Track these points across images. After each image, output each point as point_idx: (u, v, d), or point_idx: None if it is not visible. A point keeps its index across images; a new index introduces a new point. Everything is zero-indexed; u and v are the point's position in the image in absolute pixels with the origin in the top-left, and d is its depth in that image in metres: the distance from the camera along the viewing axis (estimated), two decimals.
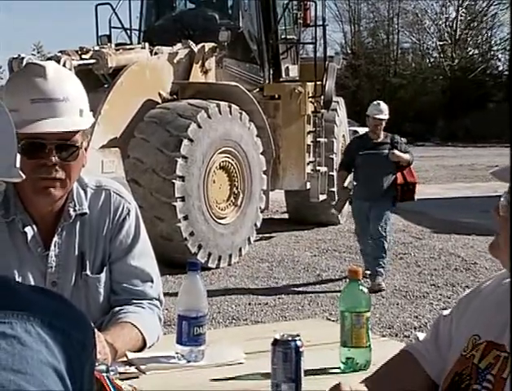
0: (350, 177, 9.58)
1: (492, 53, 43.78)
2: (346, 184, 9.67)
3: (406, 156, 8.94)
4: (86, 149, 2.48)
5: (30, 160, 2.32)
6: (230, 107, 10.17)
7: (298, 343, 2.11)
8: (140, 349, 2.48)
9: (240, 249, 10.40)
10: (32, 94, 2.34)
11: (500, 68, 43.47)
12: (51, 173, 2.37)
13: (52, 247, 2.51)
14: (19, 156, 1.60)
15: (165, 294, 2.90)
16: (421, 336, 2.19)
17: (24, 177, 1.59)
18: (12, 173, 1.56)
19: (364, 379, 2.08)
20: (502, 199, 1.84)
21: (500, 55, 43.91)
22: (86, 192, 2.55)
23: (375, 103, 9.34)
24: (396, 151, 8.82)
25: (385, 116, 9.01)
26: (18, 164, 1.59)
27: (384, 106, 9.10)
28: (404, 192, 9.02)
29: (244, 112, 10.45)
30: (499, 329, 1.90)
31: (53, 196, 2.42)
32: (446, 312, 2.13)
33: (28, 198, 2.47)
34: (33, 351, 1.37)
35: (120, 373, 2.21)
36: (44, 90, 2.36)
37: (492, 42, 43.81)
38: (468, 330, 1.97)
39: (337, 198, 10.56)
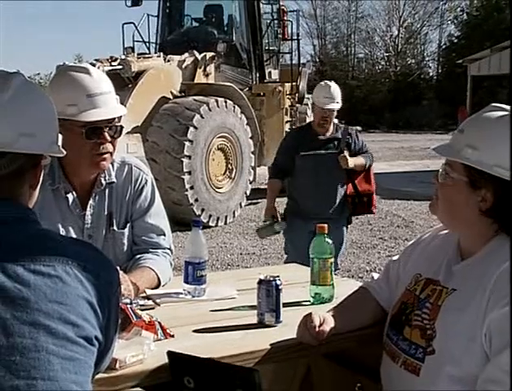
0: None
1: (425, 62, 43.85)
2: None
3: (360, 161, 5.02)
4: None
5: (90, 140, 2.33)
6: (226, 102, 10.11)
7: (278, 282, 2.11)
8: (156, 287, 2.48)
9: (234, 212, 10.39)
10: (86, 91, 2.31)
11: (431, 74, 43.67)
12: (106, 148, 2.37)
13: (88, 208, 2.50)
14: (60, 136, 1.57)
15: (176, 246, 2.88)
16: (376, 275, 2.20)
17: (64, 152, 1.56)
18: (54, 149, 1.53)
19: (330, 309, 2.08)
20: (440, 169, 1.83)
21: (430, 64, 44.14)
22: (113, 166, 2.53)
23: (323, 84, 5.07)
24: (348, 157, 4.90)
25: (337, 104, 4.95)
26: (60, 142, 1.55)
27: (336, 89, 4.97)
28: (356, 206, 5.12)
29: (236, 106, 10.40)
30: (435, 269, 1.90)
31: (103, 167, 2.43)
32: (395, 258, 2.13)
33: (73, 170, 2.45)
34: (71, 287, 1.37)
35: (140, 305, 2.20)
36: (94, 86, 2.33)
37: (425, 54, 43.94)
38: (412, 270, 1.97)
39: (263, 218, 5.48)
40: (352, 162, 4.93)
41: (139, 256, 2.55)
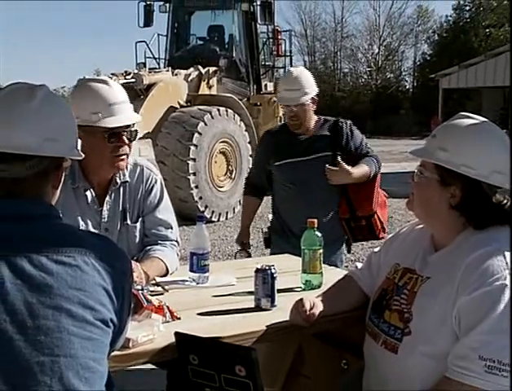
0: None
1: (402, 77, 43.97)
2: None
3: (362, 171, 3.25)
4: None
5: (111, 143, 2.34)
6: (227, 111, 10.10)
7: (273, 271, 2.11)
8: (164, 275, 2.47)
9: (234, 208, 10.36)
10: (107, 101, 2.32)
11: (407, 87, 43.79)
12: (124, 150, 2.38)
13: (105, 205, 2.50)
14: (80, 141, 1.56)
15: (182, 238, 2.87)
16: (359, 265, 2.19)
17: (83, 155, 1.55)
18: (74, 152, 1.52)
19: (319, 294, 2.08)
20: (416, 170, 1.86)
21: (407, 78, 44.27)
22: (126, 167, 2.52)
23: (285, 73, 3.71)
24: (343, 166, 3.13)
25: (304, 96, 3.24)
26: (79, 147, 1.55)
27: (300, 76, 3.28)
28: (353, 230, 3.39)
29: (236, 115, 10.38)
30: (412, 259, 1.92)
31: (122, 167, 2.43)
32: (376, 249, 2.14)
33: (93, 170, 2.44)
34: (89, 276, 1.36)
35: (150, 291, 2.19)
36: (114, 96, 2.34)
37: (402, 70, 44.04)
38: (391, 260, 1.98)
39: (240, 244, 3.90)
40: (348, 174, 3.15)
41: (149, 247, 2.54)
